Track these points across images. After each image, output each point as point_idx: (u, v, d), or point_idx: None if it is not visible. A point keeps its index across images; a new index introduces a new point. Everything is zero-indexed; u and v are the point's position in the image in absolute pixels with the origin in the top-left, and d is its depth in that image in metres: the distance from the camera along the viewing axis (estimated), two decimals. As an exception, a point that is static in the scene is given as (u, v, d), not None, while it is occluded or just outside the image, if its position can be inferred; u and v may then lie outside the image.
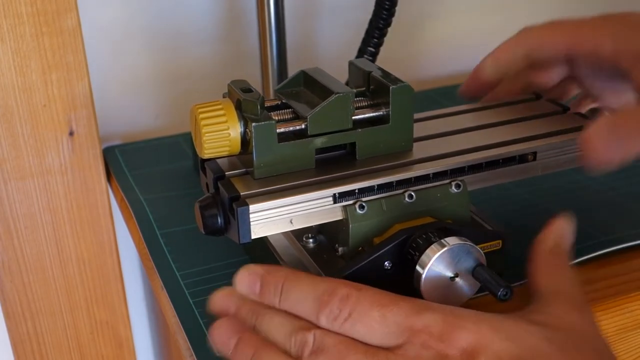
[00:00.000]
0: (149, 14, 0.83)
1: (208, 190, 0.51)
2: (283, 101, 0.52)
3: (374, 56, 0.70)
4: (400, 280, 0.48)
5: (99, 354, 0.83)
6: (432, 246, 0.46)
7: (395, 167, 0.51)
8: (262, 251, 0.56)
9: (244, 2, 0.85)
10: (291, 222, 0.48)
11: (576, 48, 0.56)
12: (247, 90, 0.49)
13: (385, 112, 0.51)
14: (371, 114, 0.51)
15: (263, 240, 0.55)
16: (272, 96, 0.74)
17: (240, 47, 0.88)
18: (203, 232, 0.49)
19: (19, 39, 0.67)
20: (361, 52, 0.70)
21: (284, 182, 0.49)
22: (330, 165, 0.51)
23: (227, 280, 0.58)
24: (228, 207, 0.47)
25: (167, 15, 0.83)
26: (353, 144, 0.51)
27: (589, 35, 0.56)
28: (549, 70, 0.61)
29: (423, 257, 0.46)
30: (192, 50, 0.86)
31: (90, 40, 0.77)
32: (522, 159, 0.53)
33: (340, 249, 0.50)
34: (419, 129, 0.54)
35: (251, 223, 0.47)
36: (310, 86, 0.53)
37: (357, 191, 0.49)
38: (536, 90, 0.62)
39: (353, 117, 0.50)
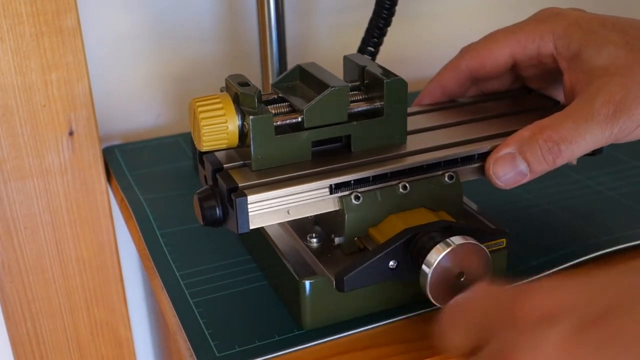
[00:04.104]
0: (150, 13, 0.84)
1: (206, 183, 0.53)
2: (279, 95, 0.55)
3: (373, 56, 0.72)
4: (406, 279, 0.51)
5: (99, 354, 0.84)
6: (438, 246, 0.48)
7: (389, 158, 0.53)
8: (266, 251, 0.59)
9: (244, 1, 0.87)
10: (288, 213, 0.51)
11: (519, 56, 0.60)
12: (245, 84, 0.52)
13: (379, 105, 0.54)
14: (366, 107, 0.54)
15: (267, 240, 0.58)
16: (272, 95, 0.77)
17: (241, 46, 0.89)
18: (202, 224, 0.51)
19: (19, 39, 0.69)
20: (361, 52, 0.72)
21: (281, 173, 0.51)
22: (326, 157, 0.54)
23: (227, 280, 0.60)
24: (227, 198, 0.50)
25: (167, 14, 0.85)
26: (348, 137, 0.54)
27: (530, 39, 0.59)
28: (498, 79, 0.64)
29: (428, 256, 0.48)
30: (192, 50, 0.88)
31: (90, 40, 0.80)
32: None
33: (336, 239, 0.53)
34: (412, 122, 0.57)
35: (249, 213, 0.49)
36: (306, 80, 0.56)
37: (352, 182, 0.52)
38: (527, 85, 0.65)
39: (348, 110, 0.53)
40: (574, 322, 0.35)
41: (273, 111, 0.52)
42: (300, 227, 0.56)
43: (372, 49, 0.72)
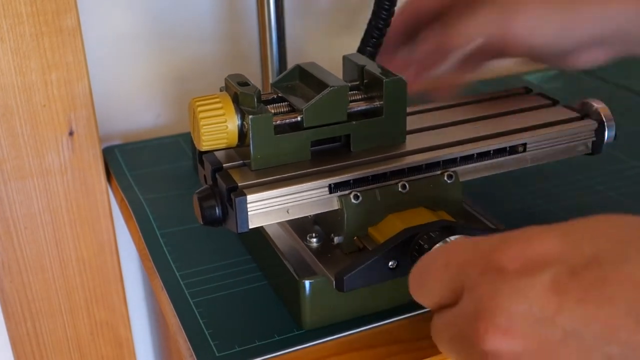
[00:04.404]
0: (150, 13, 0.85)
1: (206, 182, 0.54)
2: (279, 95, 0.55)
3: (373, 56, 0.73)
4: (405, 279, 0.51)
5: (99, 354, 0.84)
6: (437, 245, 0.48)
7: (389, 158, 0.54)
8: (266, 251, 0.59)
9: (244, 1, 0.88)
10: (288, 212, 0.51)
11: None
12: (244, 84, 0.52)
13: (379, 105, 0.54)
14: (365, 107, 0.54)
15: (266, 240, 0.58)
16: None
17: (241, 46, 0.90)
18: (202, 224, 0.51)
19: (19, 39, 0.69)
20: (360, 52, 0.72)
21: (280, 173, 0.52)
22: (325, 156, 0.54)
23: (227, 280, 0.61)
24: (226, 197, 0.50)
25: (167, 14, 0.85)
26: (348, 136, 0.54)
27: None
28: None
29: None
30: (192, 50, 0.88)
31: (90, 40, 0.80)
32: (512, 150, 0.56)
33: (335, 238, 0.53)
34: (412, 122, 0.57)
35: (249, 213, 0.49)
36: (305, 80, 0.56)
37: (352, 182, 0.52)
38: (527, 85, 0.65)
39: (348, 110, 0.53)
40: (559, 271, 0.35)
41: (272, 111, 0.53)
42: (300, 226, 0.57)
43: (371, 49, 0.72)
